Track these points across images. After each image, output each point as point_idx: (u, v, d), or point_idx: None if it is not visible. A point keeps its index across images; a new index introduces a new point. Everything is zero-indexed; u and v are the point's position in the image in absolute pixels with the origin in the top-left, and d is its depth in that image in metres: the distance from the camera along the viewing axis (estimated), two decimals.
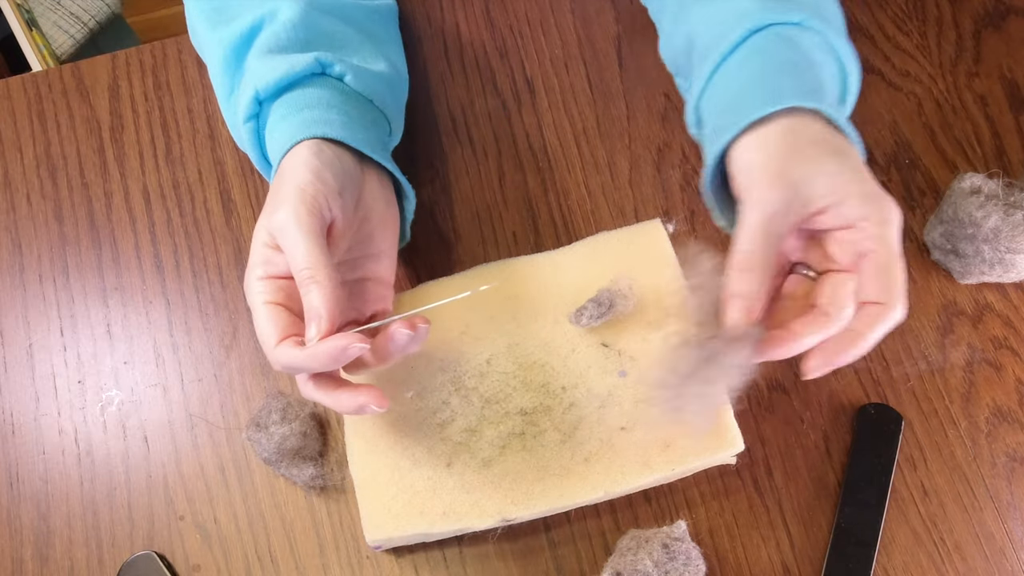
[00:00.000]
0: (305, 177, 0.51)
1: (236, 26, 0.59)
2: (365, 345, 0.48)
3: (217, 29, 0.60)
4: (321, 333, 0.48)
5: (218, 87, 0.61)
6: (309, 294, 0.48)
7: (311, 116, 0.54)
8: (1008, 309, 0.63)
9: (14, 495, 0.62)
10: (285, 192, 0.50)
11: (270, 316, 0.50)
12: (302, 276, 0.49)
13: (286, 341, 0.49)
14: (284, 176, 0.52)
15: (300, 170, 0.51)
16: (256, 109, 0.57)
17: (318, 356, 0.48)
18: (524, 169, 0.69)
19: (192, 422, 0.63)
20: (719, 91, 0.54)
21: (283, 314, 0.50)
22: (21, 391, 0.64)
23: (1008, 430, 0.60)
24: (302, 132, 0.53)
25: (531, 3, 0.74)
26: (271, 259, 0.51)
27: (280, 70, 0.56)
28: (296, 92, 0.56)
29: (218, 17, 0.60)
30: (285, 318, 0.50)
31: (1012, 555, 0.58)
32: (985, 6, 0.72)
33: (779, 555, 0.58)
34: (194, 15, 0.62)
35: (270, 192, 0.52)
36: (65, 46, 1.19)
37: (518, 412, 0.58)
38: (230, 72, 0.59)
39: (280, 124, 0.55)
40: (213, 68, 0.61)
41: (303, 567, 0.59)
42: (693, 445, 0.56)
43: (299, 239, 0.49)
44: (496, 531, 0.58)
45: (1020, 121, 0.69)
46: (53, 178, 0.70)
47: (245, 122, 0.57)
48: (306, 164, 0.51)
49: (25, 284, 0.67)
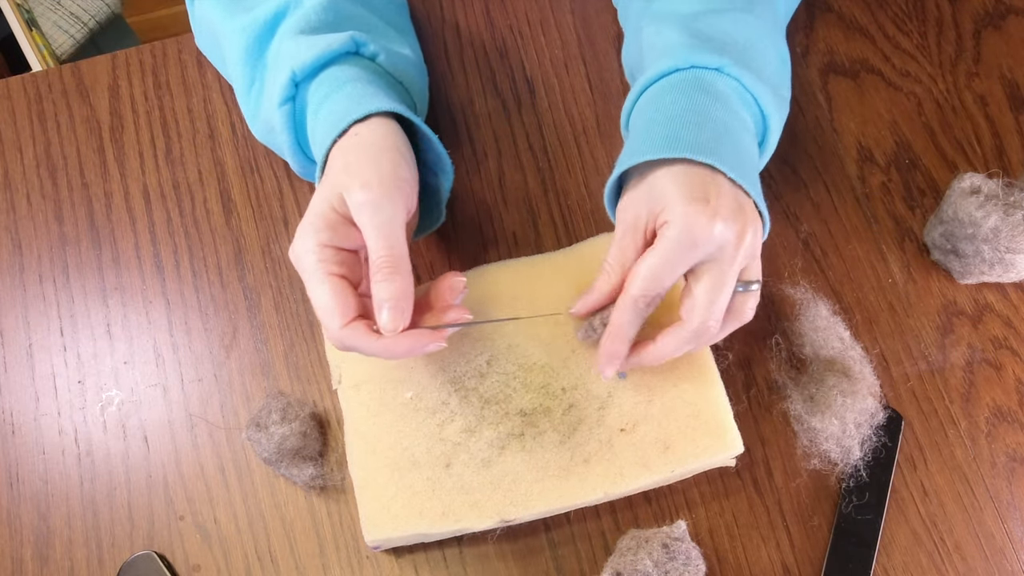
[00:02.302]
0: (399, 161, 0.51)
1: (259, 13, 0.59)
2: (442, 344, 0.50)
3: (237, 17, 0.59)
4: (402, 327, 0.48)
5: (237, 78, 0.60)
6: (390, 283, 0.48)
7: (365, 90, 0.53)
8: (1008, 309, 0.63)
9: (14, 495, 0.62)
10: (378, 172, 0.49)
11: (337, 290, 0.49)
12: (382, 263, 0.48)
13: (356, 324, 0.49)
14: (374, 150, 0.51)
15: (392, 153, 0.51)
16: (292, 91, 0.56)
17: (396, 349, 0.48)
18: (524, 169, 0.69)
19: (192, 422, 0.63)
20: (637, 117, 0.56)
21: (349, 291, 0.49)
22: (21, 391, 0.64)
23: (1008, 430, 0.60)
24: (371, 104, 0.52)
25: (531, 3, 0.74)
26: (338, 228, 0.50)
27: (317, 48, 0.55)
28: (333, 69, 0.55)
29: (237, 6, 0.60)
30: (352, 296, 0.49)
31: (1012, 555, 0.58)
32: (985, 6, 0.72)
33: (779, 555, 0.58)
34: (210, 6, 0.62)
35: (349, 158, 0.51)
36: (65, 46, 1.19)
37: (518, 413, 0.58)
38: (251, 62, 0.59)
39: (332, 98, 0.53)
40: (233, 58, 0.60)
41: (303, 567, 0.59)
42: (693, 447, 0.56)
43: (390, 226, 0.48)
44: (496, 531, 0.58)
45: (1020, 121, 0.69)
46: (53, 178, 0.70)
47: (281, 105, 0.56)
48: (396, 148, 0.51)
49: (25, 284, 0.67)
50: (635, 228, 0.53)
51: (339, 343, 0.49)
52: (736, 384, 0.62)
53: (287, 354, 0.64)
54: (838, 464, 0.58)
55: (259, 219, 0.68)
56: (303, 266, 0.50)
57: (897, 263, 0.65)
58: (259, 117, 0.61)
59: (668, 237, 0.50)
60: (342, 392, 0.60)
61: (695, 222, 0.49)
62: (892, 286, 0.64)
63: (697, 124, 0.52)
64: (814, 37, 0.71)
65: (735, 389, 0.61)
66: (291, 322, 0.65)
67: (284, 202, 0.68)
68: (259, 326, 0.65)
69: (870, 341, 0.63)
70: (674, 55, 0.55)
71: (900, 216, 0.66)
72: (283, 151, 0.60)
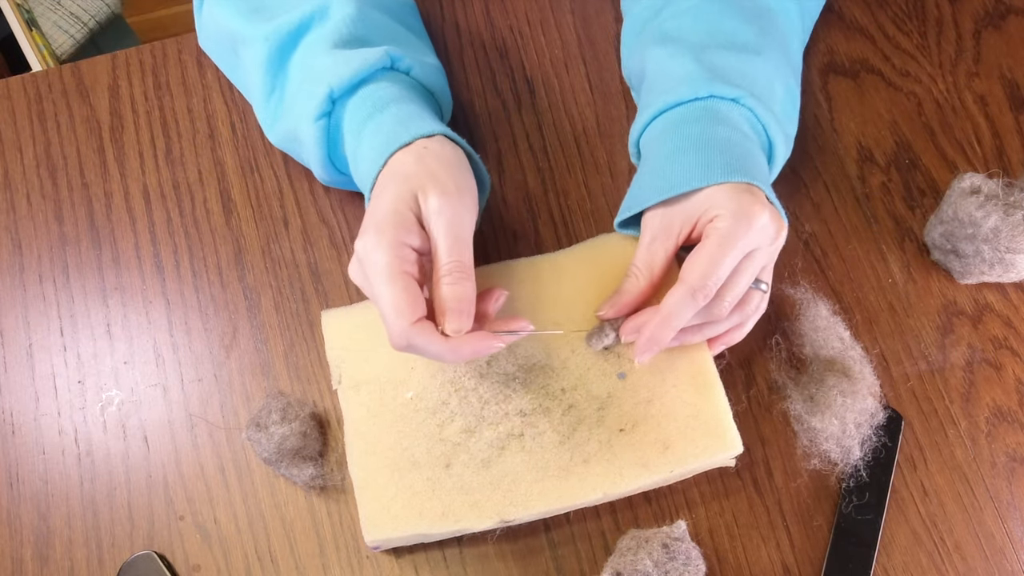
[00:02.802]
0: (468, 175, 0.53)
1: (282, 22, 0.58)
2: (502, 346, 0.52)
3: (258, 26, 0.59)
4: (467, 330, 0.50)
5: (256, 86, 0.60)
6: (460, 287, 0.49)
7: (411, 111, 0.55)
8: (1008, 309, 0.63)
9: (14, 495, 0.62)
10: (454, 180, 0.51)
11: (409, 287, 0.49)
12: (452, 267, 0.49)
13: (425, 323, 0.49)
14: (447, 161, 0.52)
15: (464, 165, 0.53)
16: (329, 107, 0.56)
17: (462, 350, 0.50)
18: (524, 169, 0.69)
19: (192, 422, 0.63)
20: (653, 145, 0.58)
21: (418, 289, 0.50)
22: (21, 391, 0.64)
23: (1008, 430, 0.60)
24: (421, 127, 0.54)
25: (531, 3, 0.74)
26: (412, 229, 0.50)
27: (353, 65, 0.56)
28: (372, 87, 0.56)
29: (258, 15, 0.60)
30: (420, 297, 0.50)
31: (1012, 555, 0.58)
32: (985, 6, 0.72)
33: (779, 555, 0.58)
34: (227, 15, 0.61)
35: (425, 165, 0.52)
36: (65, 46, 1.19)
37: (517, 413, 0.58)
38: (272, 70, 0.59)
39: (377, 119, 0.55)
40: (253, 66, 0.60)
41: (303, 567, 0.59)
42: (692, 447, 0.56)
43: (462, 232, 0.50)
44: (496, 532, 0.58)
45: (1020, 121, 0.69)
46: (53, 178, 0.70)
47: (316, 120, 0.56)
48: (464, 162, 0.53)
49: (25, 284, 0.67)
50: (667, 232, 0.55)
51: (403, 340, 0.49)
52: (736, 384, 0.62)
53: (287, 354, 0.64)
54: (838, 464, 0.58)
55: (259, 219, 0.68)
56: (372, 263, 0.50)
57: (897, 263, 0.65)
58: (278, 126, 0.61)
59: (721, 227, 0.52)
60: (342, 392, 0.60)
61: (749, 210, 0.52)
62: (892, 286, 0.64)
63: (726, 150, 0.54)
64: (814, 37, 0.71)
65: (735, 389, 0.61)
66: (291, 322, 0.65)
67: (284, 202, 0.68)
68: (259, 326, 0.65)
69: (870, 341, 0.63)
70: (692, 85, 0.57)
71: (900, 216, 0.66)
72: (309, 162, 0.61)
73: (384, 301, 0.49)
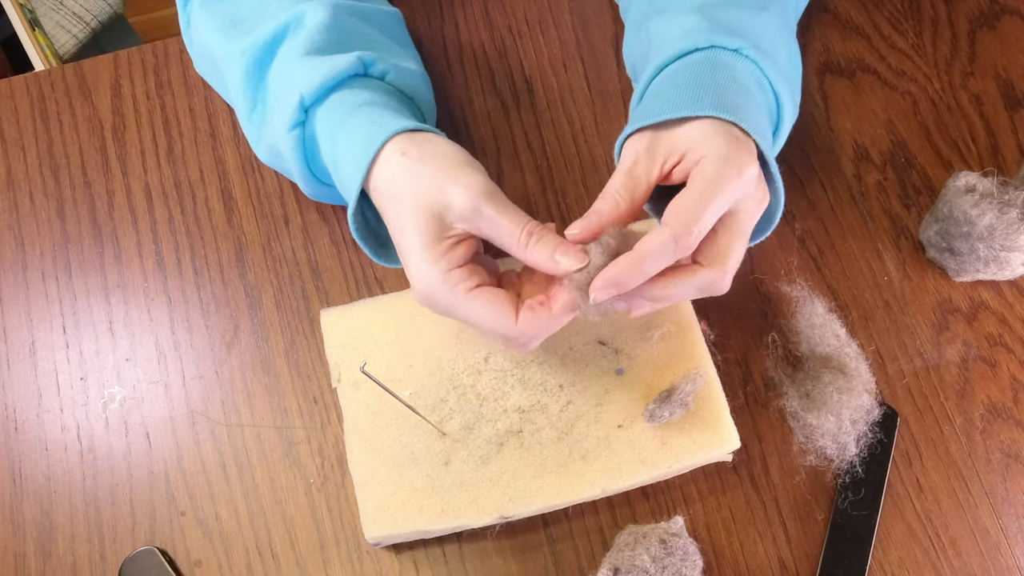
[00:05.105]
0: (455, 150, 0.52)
1: (257, 35, 0.58)
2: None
3: (236, 41, 0.58)
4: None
5: (239, 103, 0.60)
6: (544, 245, 0.48)
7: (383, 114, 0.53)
8: (1003, 306, 0.64)
9: (17, 491, 0.62)
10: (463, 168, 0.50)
11: (489, 299, 0.49)
12: (524, 234, 0.49)
13: (523, 313, 0.49)
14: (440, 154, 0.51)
15: (454, 146, 0.52)
16: (302, 116, 0.55)
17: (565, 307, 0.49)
18: (523, 168, 0.69)
19: (193, 419, 0.63)
20: (656, 89, 0.55)
21: (498, 292, 0.49)
22: (24, 388, 0.65)
23: (1003, 426, 0.61)
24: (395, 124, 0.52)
25: (530, 3, 0.74)
26: (452, 248, 0.50)
27: (323, 71, 0.54)
28: (344, 92, 0.55)
29: (235, 30, 0.59)
30: (501, 294, 0.49)
31: (1007, 550, 0.58)
32: (980, 6, 0.73)
33: (775, 550, 0.59)
34: (208, 32, 0.61)
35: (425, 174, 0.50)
36: (67, 46, 1.20)
37: (515, 410, 0.58)
38: (252, 84, 0.58)
39: (349, 123, 0.53)
40: (233, 83, 0.59)
41: (304, 562, 0.60)
42: (690, 443, 0.57)
43: (505, 206, 0.49)
44: (495, 528, 0.58)
45: (1014, 120, 0.69)
46: (56, 177, 0.70)
47: (290, 130, 0.55)
48: (443, 144, 0.52)
49: (28, 282, 0.68)
50: (650, 156, 0.51)
51: (522, 338, 0.49)
52: (733, 381, 0.62)
53: (288, 351, 0.64)
54: (834, 460, 0.59)
55: (260, 217, 0.68)
56: (440, 302, 0.49)
57: (893, 261, 0.65)
58: (263, 141, 0.60)
59: (708, 170, 0.48)
60: (341, 390, 0.60)
61: (738, 157, 0.48)
62: (888, 284, 0.65)
63: (719, 92, 0.51)
64: (810, 37, 0.72)
65: (732, 386, 0.62)
66: (292, 319, 0.65)
67: (285, 200, 0.68)
68: (260, 323, 0.65)
69: (866, 338, 0.63)
70: (693, 36, 0.54)
71: (896, 214, 0.67)
72: (292, 175, 0.60)
73: (478, 326, 0.49)
